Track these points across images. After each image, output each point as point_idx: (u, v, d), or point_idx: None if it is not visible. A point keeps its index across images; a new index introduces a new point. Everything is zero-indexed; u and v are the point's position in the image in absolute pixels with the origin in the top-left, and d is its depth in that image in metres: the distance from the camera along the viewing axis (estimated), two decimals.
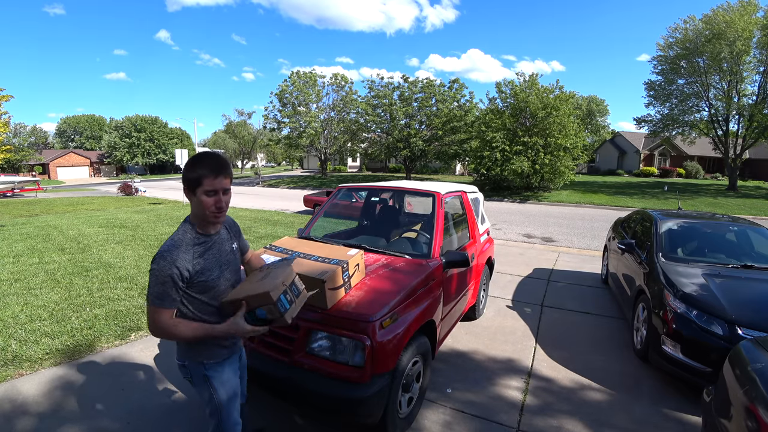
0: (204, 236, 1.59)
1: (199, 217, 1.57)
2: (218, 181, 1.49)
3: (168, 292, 1.44)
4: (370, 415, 2.14)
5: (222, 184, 1.50)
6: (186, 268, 1.48)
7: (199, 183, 1.48)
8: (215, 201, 1.51)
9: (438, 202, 3.42)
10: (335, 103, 33.06)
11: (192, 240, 1.55)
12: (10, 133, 41.27)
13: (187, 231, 1.56)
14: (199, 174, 1.48)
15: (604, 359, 3.61)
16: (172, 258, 1.45)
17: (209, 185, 1.48)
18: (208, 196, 1.49)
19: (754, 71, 20.95)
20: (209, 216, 1.53)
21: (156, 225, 10.50)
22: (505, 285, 5.71)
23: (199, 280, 1.54)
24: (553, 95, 20.58)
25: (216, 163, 1.49)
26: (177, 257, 1.47)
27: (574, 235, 10.34)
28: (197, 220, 1.58)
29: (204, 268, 1.55)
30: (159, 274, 1.43)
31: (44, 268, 5.97)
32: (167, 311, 1.45)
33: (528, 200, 19.42)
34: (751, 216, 13.89)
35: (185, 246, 1.51)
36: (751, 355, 1.93)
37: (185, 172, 1.52)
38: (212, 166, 1.48)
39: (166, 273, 1.43)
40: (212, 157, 1.51)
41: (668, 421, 2.76)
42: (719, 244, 4.39)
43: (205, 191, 1.49)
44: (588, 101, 52.83)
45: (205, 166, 1.48)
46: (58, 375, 3.09)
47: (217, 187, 1.49)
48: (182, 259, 1.48)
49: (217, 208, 1.51)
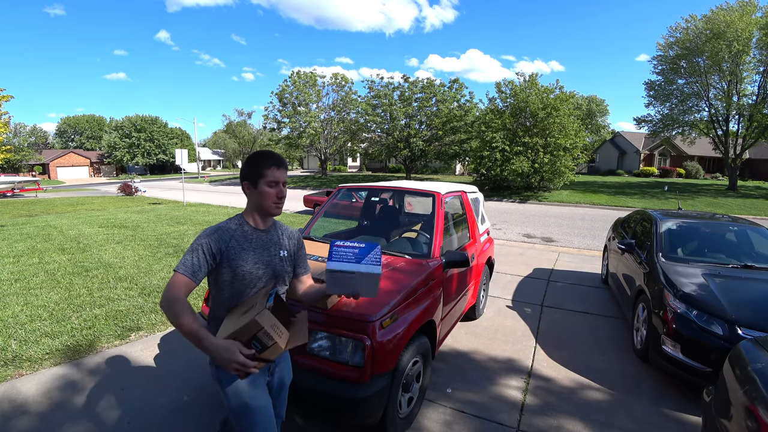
0: (253, 229, 1.64)
1: (257, 208, 1.64)
2: (280, 172, 1.60)
3: (192, 260, 1.47)
4: (370, 415, 2.14)
5: (283, 176, 1.62)
6: (218, 247, 1.52)
7: (262, 174, 1.58)
8: (277, 191, 1.60)
9: (438, 202, 3.42)
10: (335, 103, 33.07)
11: (236, 228, 1.61)
12: (11, 133, 41.23)
13: (234, 220, 1.64)
14: (263, 166, 1.58)
15: (604, 359, 3.61)
16: (207, 233, 1.54)
17: (272, 176, 1.58)
18: (271, 187, 1.59)
19: (754, 71, 20.96)
20: (271, 207, 1.61)
21: (156, 225, 10.50)
22: (505, 285, 5.71)
23: (229, 265, 1.54)
24: (554, 95, 20.58)
25: (278, 157, 1.62)
26: (212, 234, 1.54)
27: (574, 235, 10.34)
28: (253, 212, 1.66)
29: (236, 256, 1.55)
30: (193, 244, 1.51)
31: (44, 268, 5.97)
32: (183, 278, 1.45)
33: (528, 200, 19.42)
34: (751, 216, 13.89)
35: (225, 230, 1.58)
36: (751, 355, 1.93)
37: (247, 168, 1.60)
38: (275, 159, 1.60)
39: (197, 243, 1.51)
40: (273, 153, 1.64)
41: (668, 421, 2.76)
42: (719, 244, 4.39)
43: (268, 182, 1.58)
44: (588, 101, 52.86)
45: (268, 159, 1.59)
46: (58, 375, 3.09)
47: (279, 178, 1.60)
48: (217, 238, 1.53)
49: (279, 197, 1.61)
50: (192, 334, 1.38)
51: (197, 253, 1.49)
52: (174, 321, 1.38)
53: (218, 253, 1.53)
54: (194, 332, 1.38)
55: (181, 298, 1.41)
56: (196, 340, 1.38)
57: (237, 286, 1.58)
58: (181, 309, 1.39)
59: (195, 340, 1.38)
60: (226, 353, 1.34)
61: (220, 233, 1.56)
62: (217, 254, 1.53)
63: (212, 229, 1.57)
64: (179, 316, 1.37)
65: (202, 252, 1.50)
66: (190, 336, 1.38)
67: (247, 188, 1.62)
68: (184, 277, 1.45)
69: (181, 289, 1.43)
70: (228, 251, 1.55)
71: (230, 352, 1.34)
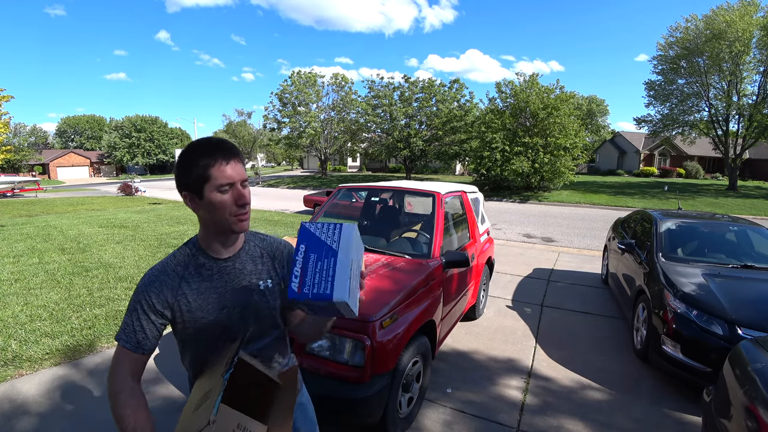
0: (211, 260, 1.14)
1: (211, 229, 1.12)
2: (232, 167, 1.04)
3: (132, 326, 1.06)
4: (370, 415, 2.14)
5: (238, 172, 1.06)
6: (163, 300, 1.08)
7: (205, 178, 1.03)
8: (235, 196, 1.05)
9: (438, 202, 3.42)
10: (335, 103, 33.06)
11: (186, 264, 1.13)
12: (11, 133, 41.23)
13: (182, 252, 1.15)
14: (202, 166, 1.03)
15: (604, 359, 3.61)
16: (145, 283, 1.10)
17: (221, 177, 1.03)
18: (222, 192, 1.04)
19: (754, 71, 20.96)
20: (230, 221, 1.07)
21: (156, 225, 10.49)
22: (505, 285, 5.70)
23: (183, 319, 1.10)
24: (554, 95, 20.58)
25: (222, 145, 1.06)
26: (151, 284, 1.09)
27: (574, 235, 10.34)
28: (208, 236, 1.14)
29: (193, 306, 1.10)
30: (131, 300, 1.11)
31: (44, 268, 5.97)
32: (125, 353, 1.05)
33: (528, 200, 19.42)
34: (751, 216, 13.89)
35: (169, 272, 1.11)
36: (751, 355, 1.93)
37: (181, 172, 1.07)
38: (220, 150, 1.05)
39: (134, 299, 1.09)
40: (213, 141, 1.07)
41: (668, 421, 2.76)
42: (719, 244, 4.39)
43: (216, 187, 1.04)
44: (588, 101, 52.84)
45: (209, 153, 1.04)
46: (58, 375, 3.09)
47: (232, 177, 1.04)
48: (158, 289, 1.09)
49: (239, 204, 1.06)
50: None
51: (136, 314, 1.07)
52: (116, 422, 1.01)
53: (166, 308, 1.09)
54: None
55: (124, 390, 1.03)
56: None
57: (203, 344, 1.13)
58: (123, 409, 1.01)
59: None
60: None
61: (162, 280, 1.10)
62: (166, 310, 1.09)
63: (151, 274, 1.11)
64: (120, 419, 1.00)
65: (143, 312, 1.07)
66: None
67: (190, 201, 1.09)
68: (127, 352, 1.05)
69: (127, 369, 1.05)
70: (179, 302, 1.09)
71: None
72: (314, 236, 0.94)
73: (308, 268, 0.89)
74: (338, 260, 0.90)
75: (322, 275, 0.89)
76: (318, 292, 0.87)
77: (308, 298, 0.87)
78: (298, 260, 0.90)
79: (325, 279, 0.88)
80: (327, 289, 0.87)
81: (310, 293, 0.87)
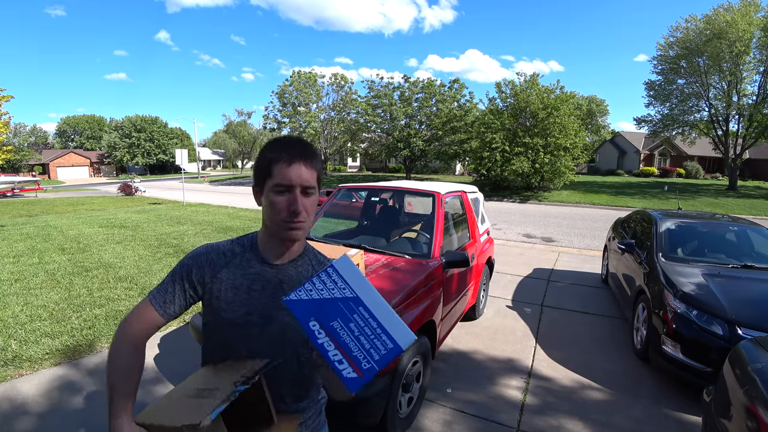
0: (260, 260, 1.07)
1: (268, 230, 1.05)
2: (293, 170, 0.96)
3: (166, 286, 1.05)
4: (370, 415, 2.14)
5: (300, 177, 0.96)
6: (201, 275, 1.05)
7: (267, 174, 0.98)
8: (288, 202, 0.97)
9: (438, 202, 3.42)
10: (335, 103, 33.10)
11: (237, 253, 1.08)
12: (11, 133, 41.22)
13: (241, 241, 1.11)
14: (267, 160, 0.98)
15: (604, 359, 3.61)
16: (194, 253, 1.08)
17: (279, 176, 0.96)
18: (278, 193, 0.97)
19: (754, 71, 20.97)
20: (279, 226, 0.99)
21: (156, 225, 10.49)
22: (505, 285, 5.70)
23: (210, 304, 1.06)
24: (554, 95, 20.59)
25: (293, 145, 1.00)
26: (199, 255, 1.07)
27: (574, 235, 10.34)
28: (265, 234, 1.08)
29: (221, 295, 1.04)
30: (176, 265, 1.08)
31: (44, 268, 5.96)
32: (149, 309, 1.03)
33: (528, 200, 19.42)
34: (751, 216, 13.89)
35: (219, 252, 1.08)
36: (751, 355, 1.93)
37: (255, 163, 1.04)
38: (287, 149, 0.98)
39: (179, 264, 1.07)
40: (286, 138, 1.02)
41: (668, 421, 2.76)
42: (719, 244, 4.39)
43: (273, 186, 0.97)
44: (588, 101, 52.83)
45: (277, 149, 0.99)
46: (58, 375, 3.09)
47: (291, 179, 0.96)
48: (203, 263, 1.06)
49: (291, 212, 0.97)
50: (109, 401, 0.95)
51: (174, 277, 1.05)
52: (107, 365, 0.98)
53: (199, 284, 1.05)
54: (109, 400, 0.94)
55: (130, 344, 1.00)
56: (109, 410, 0.94)
57: (223, 338, 1.06)
58: (120, 342, 0.99)
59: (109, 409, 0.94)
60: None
61: (210, 256, 1.07)
62: (199, 286, 1.05)
63: (203, 248, 1.09)
64: (109, 374, 0.96)
65: (179, 278, 1.05)
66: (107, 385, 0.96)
67: (255, 195, 1.05)
68: (150, 308, 1.03)
69: (142, 323, 1.02)
70: (213, 285, 1.04)
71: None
72: (314, 301, 0.74)
73: (345, 341, 0.69)
74: (368, 305, 0.70)
75: (367, 334, 0.68)
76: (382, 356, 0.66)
77: (376, 371, 0.67)
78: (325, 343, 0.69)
79: (375, 336, 0.68)
80: (388, 344, 0.67)
81: (374, 365, 0.66)
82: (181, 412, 0.84)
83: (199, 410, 0.81)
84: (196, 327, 2.67)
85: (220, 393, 0.85)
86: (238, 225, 10.64)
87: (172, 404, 0.91)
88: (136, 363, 1.00)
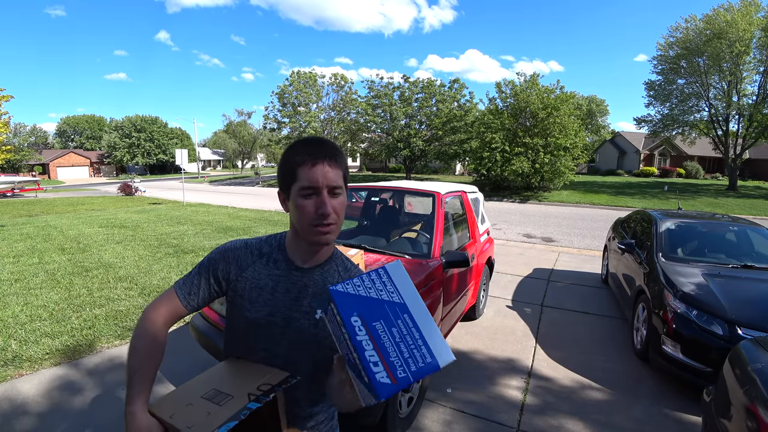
0: (287, 262, 1.06)
1: (296, 234, 1.04)
2: (318, 170, 0.93)
3: (192, 278, 1.06)
4: (370, 415, 2.14)
5: (325, 177, 0.94)
6: (226, 271, 1.06)
7: (292, 178, 0.95)
8: (316, 205, 0.94)
9: (438, 202, 3.42)
10: (335, 103, 33.12)
11: (266, 253, 1.08)
12: (11, 133, 41.22)
13: (270, 241, 1.10)
14: (291, 164, 0.95)
15: (604, 359, 3.61)
16: (223, 248, 1.09)
17: (304, 178, 0.93)
18: (305, 196, 0.94)
19: (754, 71, 20.97)
20: (310, 231, 0.96)
21: (156, 225, 10.49)
22: (505, 285, 5.70)
23: (233, 301, 1.07)
24: (554, 95, 20.59)
25: (318, 145, 0.97)
26: (227, 251, 1.08)
27: (574, 235, 10.34)
28: (292, 238, 1.07)
29: (247, 295, 1.04)
30: (205, 257, 1.09)
31: (44, 268, 5.97)
32: (173, 299, 1.04)
33: (528, 200, 19.42)
34: (751, 216, 13.89)
35: (248, 250, 1.08)
36: (751, 355, 1.93)
37: (279, 167, 1.01)
38: (311, 150, 0.95)
39: (206, 257, 1.09)
40: (309, 139, 1.00)
41: (668, 421, 2.76)
42: (719, 244, 4.39)
43: (299, 189, 0.94)
44: (588, 101, 52.84)
45: (299, 151, 0.96)
46: (58, 375, 3.09)
47: (317, 181, 0.93)
48: (230, 259, 1.06)
49: (320, 215, 0.94)
50: (127, 386, 0.94)
51: (201, 270, 1.06)
52: (128, 352, 0.99)
53: (225, 279, 1.06)
54: (127, 385, 0.94)
55: (153, 330, 1.00)
56: (126, 394, 0.94)
57: (244, 335, 1.06)
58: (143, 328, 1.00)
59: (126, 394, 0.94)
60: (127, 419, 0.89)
61: (238, 253, 1.07)
62: (223, 281, 1.06)
63: (232, 244, 1.09)
64: (129, 359, 0.97)
65: (206, 271, 1.06)
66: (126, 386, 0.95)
67: (282, 201, 1.04)
68: (174, 297, 1.05)
69: (166, 311, 1.03)
70: (237, 283, 1.05)
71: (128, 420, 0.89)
72: (361, 298, 0.71)
73: (385, 344, 0.65)
74: (413, 314, 0.68)
75: (407, 342, 0.65)
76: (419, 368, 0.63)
77: (410, 382, 0.63)
78: (364, 341, 0.65)
79: (416, 346, 0.65)
80: (427, 358, 0.63)
81: (410, 375, 0.63)
82: (191, 416, 0.84)
83: (209, 423, 0.81)
84: (197, 327, 2.67)
85: (233, 404, 0.85)
86: (239, 225, 10.64)
87: (187, 401, 0.91)
88: (157, 350, 1.00)
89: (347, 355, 0.71)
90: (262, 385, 0.90)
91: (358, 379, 0.68)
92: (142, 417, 0.89)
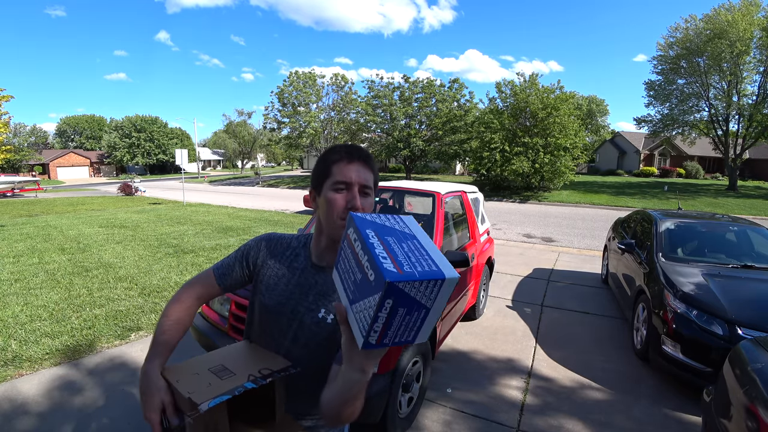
0: (307, 259, 1.11)
1: (321, 231, 1.07)
2: (353, 168, 1.00)
3: (228, 261, 1.16)
4: (370, 415, 2.14)
5: (358, 175, 1.00)
6: (255, 258, 1.15)
7: (326, 174, 1.02)
8: (346, 198, 0.99)
9: (438, 202, 3.42)
10: (335, 103, 33.08)
11: (294, 248, 1.15)
12: (10, 133, 41.20)
13: (299, 238, 1.18)
14: (327, 161, 1.03)
15: (604, 359, 3.61)
16: (259, 237, 1.19)
17: (339, 173, 1.00)
18: (337, 190, 0.99)
19: (754, 71, 20.97)
20: (335, 227, 1.00)
21: (156, 225, 10.49)
22: (505, 285, 5.70)
23: (256, 286, 1.15)
24: (554, 95, 20.58)
25: (353, 147, 1.05)
26: (260, 241, 1.17)
27: (574, 235, 10.34)
28: (319, 236, 1.09)
29: (264, 281, 1.13)
30: (244, 243, 1.19)
31: (44, 268, 5.96)
32: (210, 276, 1.14)
33: (528, 200, 19.42)
34: (751, 216, 13.88)
35: (279, 243, 1.16)
36: (751, 355, 1.93)
37: (315, 168, 1.08)
38: (347, 150, 1.03)
39: (244, 244, 1.19)
40: (347, 144, 1.09)
41: (668, 421, 2.76)
42: (719, 244, 4.39)
43: (333, 184, 1.00)
44: (588, 101, 52.82)
45: (338, 150, 1.04)
46: (58, 375, 3.09)
47: (351, 177, 0.99)
48: (261, 248, 1.15)
49: (350, 208, 0.98)
50: (150, 346, 1.05)
51: (237, 254, 1.17)
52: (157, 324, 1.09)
53: (254, 264, 1.15)
54: (151, 345, 1.04)
55: (186, 301, 1.10)
56: (147, 353, 1.04)
57: (258, 320, 1.15)
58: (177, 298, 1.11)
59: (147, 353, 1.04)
60: (144, 396, 0.97)
61: (270, 245, 1.16)
62: (252, 266, 1.15)
63: (269, 235, 1.19)
64: (159, 324, 1.07)
65: (241, 255, 1.16)
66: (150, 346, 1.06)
67: (312, 199, 1.10)
68: (211, 276, 1.14)
69: (201, 287, 1.13)
70: (262, 270, 1.14)
71: (147, 401, 0.96)
72: (377, 224, 0.79)
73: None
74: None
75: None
76: (425, 271, 0.70)
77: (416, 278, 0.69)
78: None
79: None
80: (433, 267, 0.71)
81: (415, 272, 0.69)
82: (195, 384, 0.93)
83: (207, 392, 0.89)
84: (197, 327, 2.67)
85: (233, 381, 0.93)
86: (238, 225, 10.64)
87: (195, 370, 0.99)
88: (185, 319, 1.08)
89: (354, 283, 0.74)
90: (263, 369, 0.97)
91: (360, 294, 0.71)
92: (153, 376, 0.98)
